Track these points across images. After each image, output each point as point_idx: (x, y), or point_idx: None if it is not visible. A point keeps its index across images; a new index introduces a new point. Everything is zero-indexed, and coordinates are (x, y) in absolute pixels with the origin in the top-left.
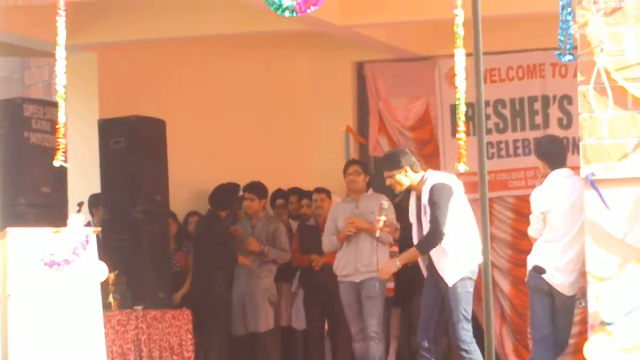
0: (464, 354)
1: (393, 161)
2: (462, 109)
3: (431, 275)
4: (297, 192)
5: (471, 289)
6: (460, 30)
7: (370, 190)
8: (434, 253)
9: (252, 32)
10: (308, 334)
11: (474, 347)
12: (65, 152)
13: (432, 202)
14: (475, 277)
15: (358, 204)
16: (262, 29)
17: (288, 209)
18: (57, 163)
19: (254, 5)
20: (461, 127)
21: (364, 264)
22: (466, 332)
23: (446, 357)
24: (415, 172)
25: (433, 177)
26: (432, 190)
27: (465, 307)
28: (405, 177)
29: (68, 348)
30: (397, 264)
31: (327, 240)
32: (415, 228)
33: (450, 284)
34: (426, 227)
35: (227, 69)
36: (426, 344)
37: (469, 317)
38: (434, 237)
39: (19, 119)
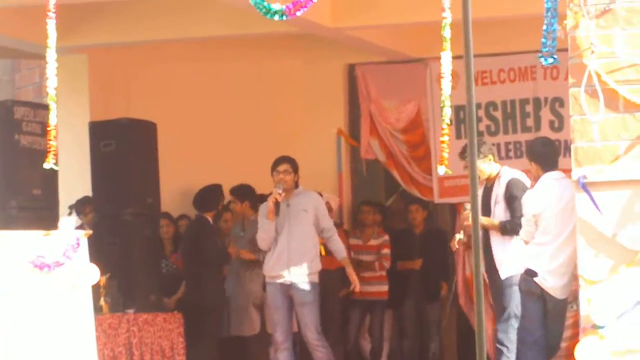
0: (503, 349)
1: (477, 150)
2: (447, 112)
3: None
4: None
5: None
6: (447, 33)
7: (301, 187)
8: (495, 244)
9: (242, 34)
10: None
11: (513, 347)
12: (56, 155)
13: (513, 197)
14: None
15: (289, 202)
16: (253, 31)
17: None
18: (47, 165)
19: (244, 7)
20: (445, 129)
21: (297, 264)
22: (513, 329)
23: None
24: (496, 162)
25: (509, 172)
26: (510, 184)
27: (518, 304)
28: (488, 166)
29: (59, 351)
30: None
31: (260, 232)
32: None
33: (503, 277)
34: (498, 216)
35: (218, 71)
36: None
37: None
38: (516, 226)
39: (9, 122)
